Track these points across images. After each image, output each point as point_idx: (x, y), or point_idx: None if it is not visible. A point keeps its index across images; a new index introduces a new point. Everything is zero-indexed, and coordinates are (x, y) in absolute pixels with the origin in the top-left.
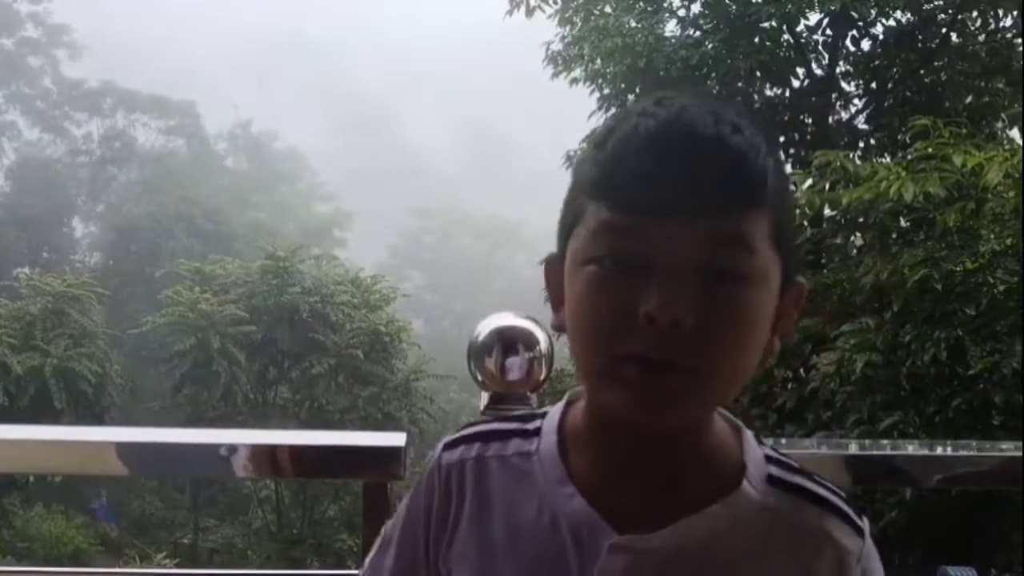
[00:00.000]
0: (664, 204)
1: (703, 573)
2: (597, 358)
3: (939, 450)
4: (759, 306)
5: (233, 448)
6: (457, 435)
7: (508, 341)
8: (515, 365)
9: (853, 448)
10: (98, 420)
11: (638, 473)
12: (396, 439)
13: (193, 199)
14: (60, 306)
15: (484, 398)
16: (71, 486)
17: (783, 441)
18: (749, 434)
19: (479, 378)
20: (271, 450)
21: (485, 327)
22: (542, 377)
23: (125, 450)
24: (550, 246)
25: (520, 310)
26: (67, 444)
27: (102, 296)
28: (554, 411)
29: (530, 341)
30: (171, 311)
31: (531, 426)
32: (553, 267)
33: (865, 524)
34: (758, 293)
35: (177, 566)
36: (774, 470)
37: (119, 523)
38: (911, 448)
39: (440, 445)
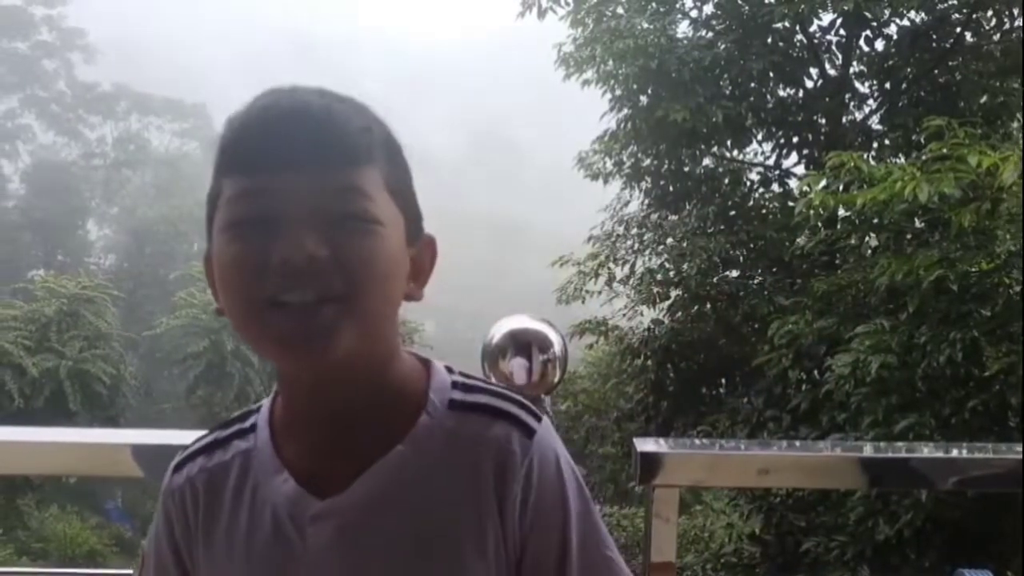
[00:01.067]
0: (280, 163)
1: (401, 514)
2: (248, 316)
3: (955, 452)
4: (385, 242)
5: None
6: (180, 457)
7: (522, 343)
8: (529, 367)
9: (868, 450)
10: (113, 421)
11: (334, 436)
12: None
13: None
14: (75, 308)
15: None
16: (86, 487)
17: (797, 443)
18: (439, 366)
19: (493, 380)
20: None
21: (499, 329)
22: (556, 379)
23: (140, 452)
24: (561, 247)
25: (532, 312)
26: (83, 446)
27: (116, 298)
28: (266, 402)
29: (544, 343)
30: (185, 313)
31: (248, 423)
32: (208, 261)
33: (541, 426)
34: (383, 231)
35: None
36: (456, 394)
37: (133, 524)
38: (927, 450)
39: (170, 469)
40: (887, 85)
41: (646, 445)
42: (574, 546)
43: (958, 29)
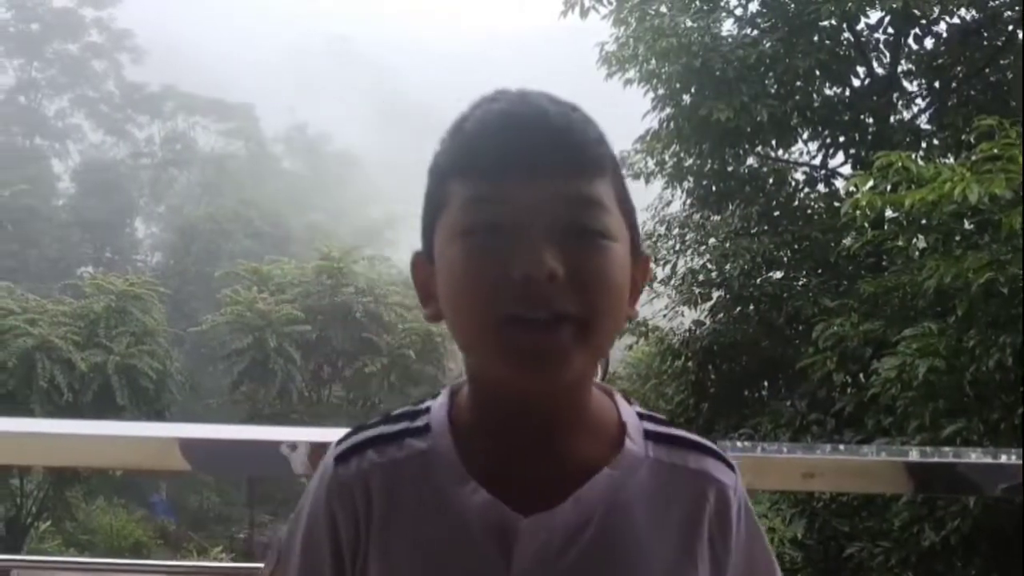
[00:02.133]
0: (521, 169)
1: (611, 535)
2: (481, 328)
3: (1003, 458)
4: (620, 259)
5: (294, 445)
6: (346, 445)
7: None
8: None
9: (914, 455)
10: (159, 416)
11: (530, 451)
12: None
13: (251, 200)
14: (123, 305)
15: None
16: (131, 480)
17: (841, 447)
18: (619, 395)
19: None
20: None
21: None
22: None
23: (188, 447)
24: None
25: None
26: (131, 439)
27: (163, 295)
28: (439, 404)
29: None
30: (229, 310)
31: (420, 423)
32: (419, 264)
33: (735, 463)
34: (617, 247)
35: (232, 560)
36: (648, 425)
37: (177, 517)
38: (974, 455)
39: (330, 458)
40: (936, 84)
41: None
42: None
43: (1010, 27)
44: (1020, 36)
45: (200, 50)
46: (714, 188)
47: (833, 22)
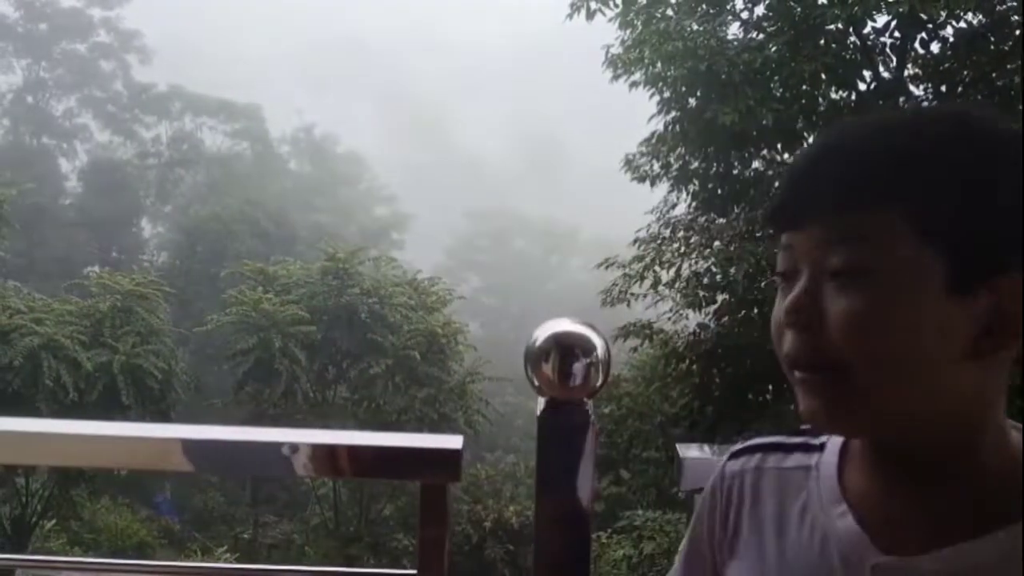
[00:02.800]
0: (787, 216)
1: None
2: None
3: None
4: (888, 299)
5: (295, 447)
6: (742, 445)
7: (565, 347)
8: (573, 371)
9: None
10: (164, 416)
11: (907, 492)
12: (454, 442)
13: (257, 201)
14: (128, 304)
15: (540, 403)
16: (136, 480)
17: None
18: None
19: (536, 383)
20: (331, 450)
21: (543, 332)
22: (599, 383)
23: (191, 447)
24: (605, 250)
25: (575, 313)
26: (134, 440)
27: (168, 295)
28: None
29: (587, 347)
30: (235, 310)
31: (817, 441)
32: None
33: None
34: (886, 287)
35: (236, 561)
36: None
37: (181, 517)
38: None
39: (726, 455)
40: (943, 88)
41: (689, 451)
42: None
43: (1017, 31)
44: (1017, 32)
45: (208, 51)
46: (719, 191)
47: (839, 26)
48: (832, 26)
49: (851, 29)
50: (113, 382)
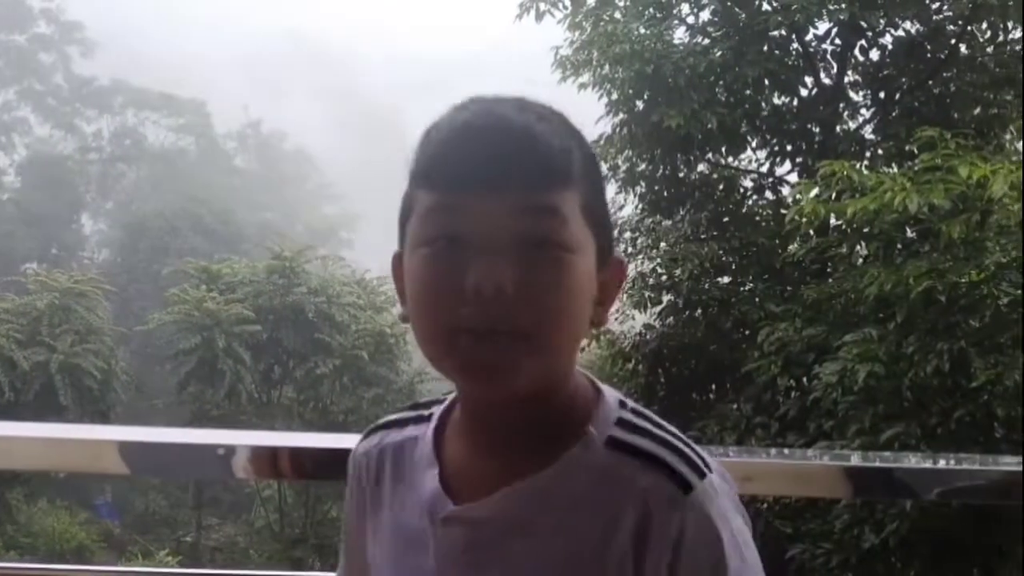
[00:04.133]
0: (479, 181)
1: (531, 536)
2: (435, 338)
3: (941, 463)
4: (576, 272)
5: (232, 449)
6: (374, 425)
7: None
8: None
9: (853, 459)
10: (103, 416)
11: (491, 447)
12: None
13: (201, 198)
14: (67, 302)
15: None
16: (75, 482)
17: (785, 451)
18: (610, 397)
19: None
20: (270, 452)
21: None
22: None
23: (126, 449)
24: None
25: None
26: (69, 442)
27: (109, 293)
28: (452, 396)
29: None
30: (177, 309)
31: (427, 412)
32: (396, 264)
33: (703, 482)
34: (574, 260)
35: (179, 564)
36: (618, 432)
37: (122, 520)
38: (913, 460)
39: (364, 432)
40: (881, 95)
41: None
42: None
43: (953, 40)
44: (1020, 35)
45: (151, 44)
46: (666, 193)
47: (782, 32)
48: (775, 32)
49: (794, 35)
50: (50, 382)
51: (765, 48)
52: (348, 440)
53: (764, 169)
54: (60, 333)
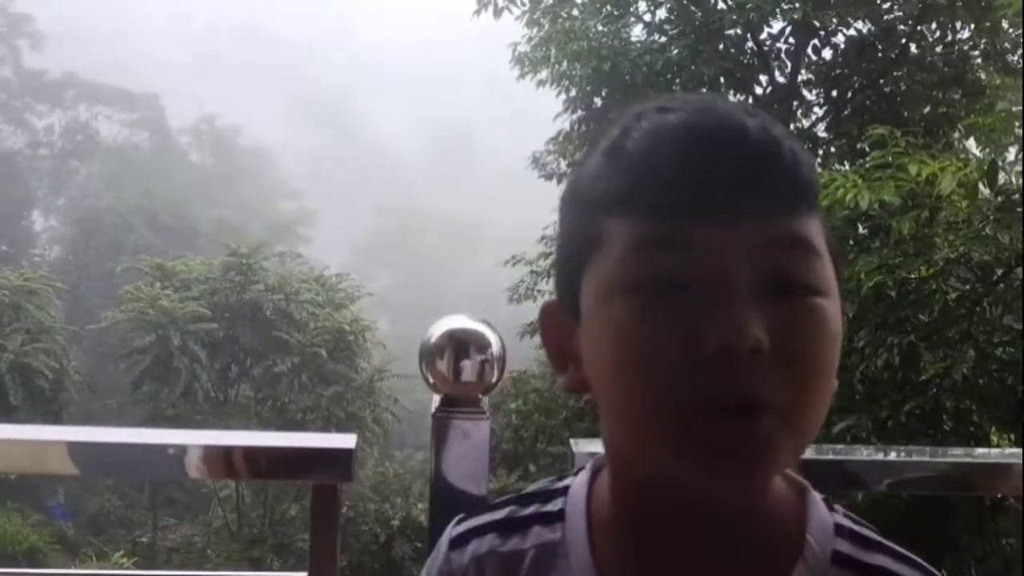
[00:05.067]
0: (715, 206)
1: None
2: (656, 416)
3: (892, 455)
4: (834, 322)
5: (184, 449)
6: (466, 527)
7: (460, 343)
8: (467, 367)
9: (807, 452)
10: (55, 417)
11: (683, 560)
12: (347, 440)
13: (156, 194)
14: (17, 300)
15: (436, 400)
16: (27, 483)
17: None
18: (816, 497)
19: (430, 380)
20: (224, 452)
21: (437, 329)
22: (494, 380)
23: (76, 450)
24: (515, 246)
25: (483, 311)
26: (17, 443)
27: (61, 291)
28: (578, 486)
29: (482, 344)
30: (131, 307)
31: (553, 507)
32: (553, 317)
33: None
34: (829, 307)
35: (135, 565)
36: (844, 546)
37: (75, 521)
38: (864, 453)
39: (446, 539)
40: (834, 93)
41: (586, 447)
42: None
43: (903, 40)
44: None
45: (103, 37)
46: None
47: (738, 31)
48: (731, 31)
49: (748, 34)
50: (0, 382)
51: (721, 46)
52: (298, 439)
53: None
54: (10, 332)
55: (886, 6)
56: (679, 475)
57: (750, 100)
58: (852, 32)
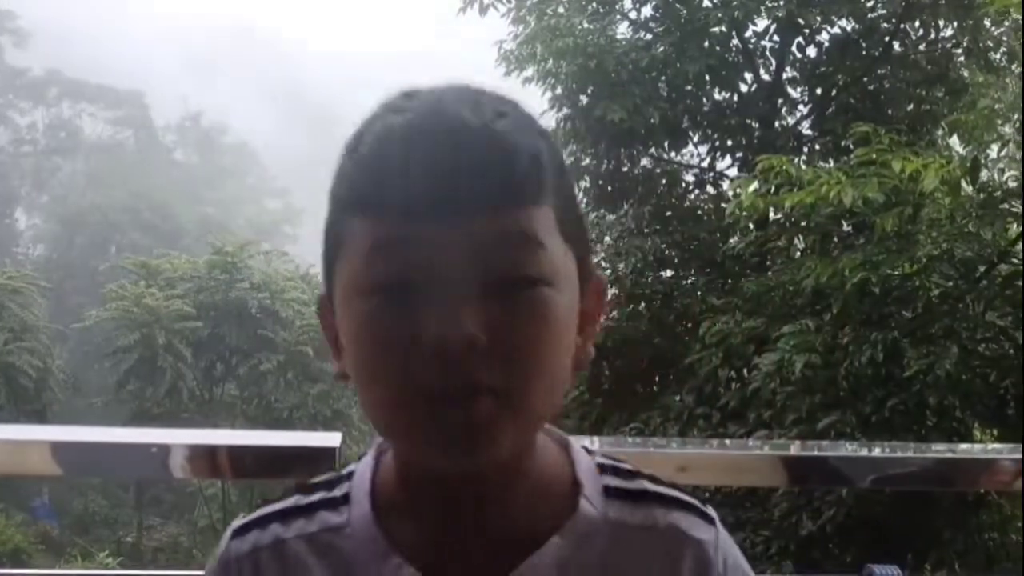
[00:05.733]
0: (432, 206)
1: None
2: (394, 407)
3: (876, 451)
4: (560, 309)
5: (169, 448)
6: (250, 518)
7: None
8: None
9: (789, 448)
10: (39, 416)
11: (465, 524)
12: (331, 439)
13: (140, 192)
14: (0, 299)
15: None
16: (10, 484)
17: (727, 442)
18: (577, 446)
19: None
20: (209, 450)
21: None
22: None
23: (59, 450)
24: None
25: None
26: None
27: (44, 289)
28: (362, 470)
29: None
30: (115, 306)
31: (338, 493)
32: (325, 310)
33: (714, 513)
34: (557, 295)
35: (120, 565)
36: (611, 480)
37: (60, 522)
38: (848, 448)
39: (229, 531)
40: (818, 91)
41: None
42: None
43: (887, 38)
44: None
45: (87, 34)
46: (610, 188)
47: (722, 29)
48: (716, 28)
49: (733, 32)
50: None
51: (706, 44)
52: (282, 438)
53: (705, 164)
54: None
55: (869, 4)
56: (419, 459)
57: (735, 97)
58: (836, 30)
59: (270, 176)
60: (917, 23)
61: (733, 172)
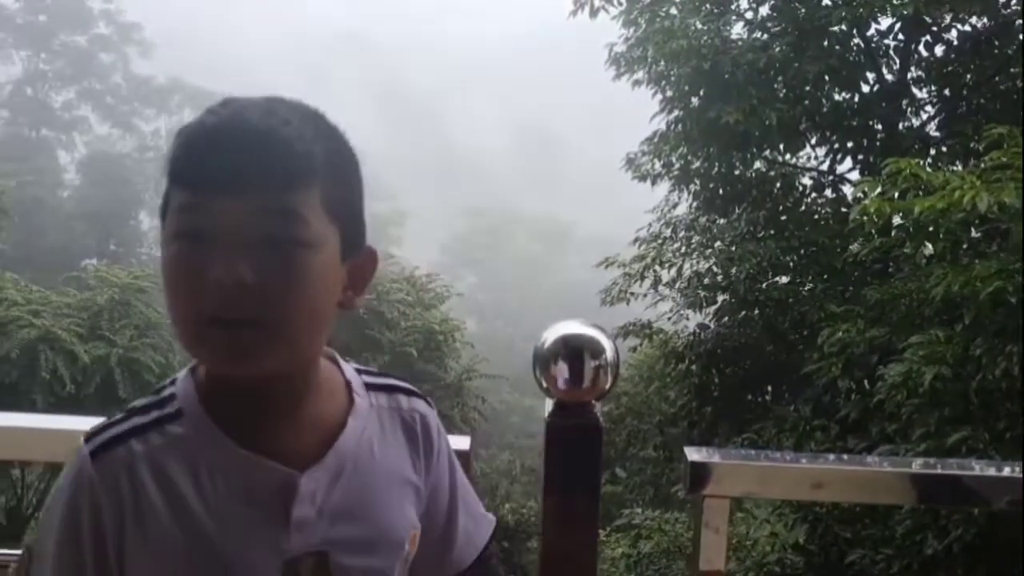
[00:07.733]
0: (221, 184)
1: (362, 472)
2: (185, 325)
3: (1007, 471)
4: (314, 266)
5: None
6: (104, 437)
7: (575, 349)
8: (583, 373)
9: (919, 466)
10: None
11: (281, 419)
12: (461, 442)
13: None
14: (126, 297)
15: (548, 405)
16: None
17: (844, 456)
18: (339, 358)
19: (544, 385)
20: None
21: (552, 334)
22: (608, 385)
23: None
24: (604, 247)
25: (574, 312)
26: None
27: None
28: (183, 387)
29: (597, 349)
30: None
31: (171, 409)
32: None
33: (429, 399)
34: (313, 255)
35: None
36: (367, 378)
37: None
38: (979, 468)
39: (86, 452)
40: (946, 91)
41: (696, 454)
42: (458, 476)
43: (1021, 36)
44: (1021, 37)
45: (207, 44)
46: (721, 191)
47: (843, 28)
48: (836, 28)
49: (855, 31)
50: (110, 375)
51: (826, 44)
52: None
53: (824, 167)
54: (120, 328)
55: (1003, 0)
56: (207, 365)
57: (856, 98)
58: (966, 28)
59: (378, 179)
60: None
61: (853, 175)
